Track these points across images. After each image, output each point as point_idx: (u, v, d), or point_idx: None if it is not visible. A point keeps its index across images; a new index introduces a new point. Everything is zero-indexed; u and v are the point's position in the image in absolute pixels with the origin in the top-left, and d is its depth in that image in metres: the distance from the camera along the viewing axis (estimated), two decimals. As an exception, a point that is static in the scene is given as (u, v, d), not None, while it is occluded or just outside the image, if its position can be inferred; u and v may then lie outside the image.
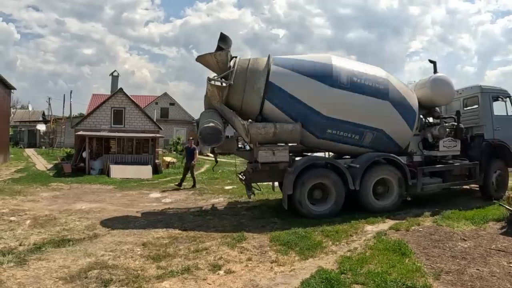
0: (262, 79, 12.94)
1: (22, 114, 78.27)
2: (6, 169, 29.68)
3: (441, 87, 15.00)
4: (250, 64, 13.31)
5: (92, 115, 33.71)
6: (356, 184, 12.95)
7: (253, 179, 13.62)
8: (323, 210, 12.81)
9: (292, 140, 13.19)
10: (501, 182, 15.77)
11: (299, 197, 12.64)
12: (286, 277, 7.79)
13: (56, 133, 54.96)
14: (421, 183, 14.08)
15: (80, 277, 7.69)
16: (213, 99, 13.30)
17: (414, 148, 15.03)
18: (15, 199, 16.72)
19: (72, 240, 10.26)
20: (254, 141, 12.84)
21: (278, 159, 12.85)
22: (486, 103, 15.80)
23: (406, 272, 7.63)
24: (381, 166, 13.57)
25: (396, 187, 13.58)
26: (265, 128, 12.78)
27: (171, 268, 8.17)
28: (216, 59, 13.23)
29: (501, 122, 15.86)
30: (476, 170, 15.12)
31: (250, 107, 13.25)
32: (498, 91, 16.33)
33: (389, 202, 13.55)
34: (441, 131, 14.84)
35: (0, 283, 7.37)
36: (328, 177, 12.94)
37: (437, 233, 10.56)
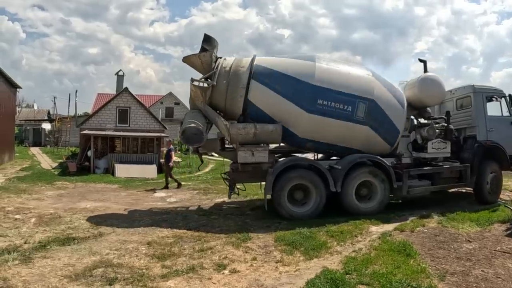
0: (244, 79, 13.00)
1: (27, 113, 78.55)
2: (11, 167, 29.78)
3: (430, 87, 14.75)
4: (233, 65, 13.40)
5: (97, 114, 33.79)
6: (338, 186, 12.78)
7: (236, 179, 13.82)
8: (304, 212, 12.72)
9: (272, 140, 13.26)
10: (495, 185, 15.16)
11: (279, 198, 12.60)
12: (291, 277, 7.78)
13: (61, 132, 55.11)
14: (407, 186, 13.67)
15: (85, 276, 7.70)
16: (197, 99, 13.41)
17: (403, 150, 14.61)
18: (20, 197, 16.80)
19: (77, 239, 10.29)
20: (235, 142, 12.98)
21: (258, 160, 12.84)
22: (479, 103, 15.21)
23: (411, 273, 7.61)
24: (364, 168, 13.28)
25: (380, 190, 13.27)
26: (245, 128, 12.81)
27: (176, 267, 8.18)
28: (200, 60, 13.44)
29: (495, 123, 15.28)
30: (467, 173, 14.61)
31: (233, 107, 13.28)
32: (492, 90, 15.75)
33: (373, 205, 13.24)
34: (430, 132, 14.42)
35: (5, 280, 7.39)
36: (308, 179, 12.84)
37: (442, 234, 10.52)
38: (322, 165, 13.13)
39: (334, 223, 11.58)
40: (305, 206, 12.83)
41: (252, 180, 14.09)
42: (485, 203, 14.42)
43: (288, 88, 12.85)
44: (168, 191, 14.96)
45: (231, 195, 14.13)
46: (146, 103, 46.37)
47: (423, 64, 15.44)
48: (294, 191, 12.84)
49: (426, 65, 15.42)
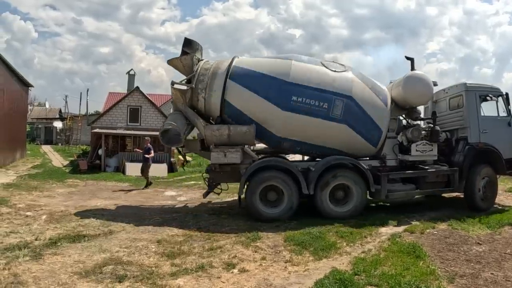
0: (221, 80, 13.19)
1: (39, 111, 78.98)
2: (23, 165, 29.95)
3: (415, 86, 13.82)
4: (213, 67, 13.60)
5: (108, 113, 33.88)
6: (310, 189, 12.59)
7: (215, 180, 13.70)
8: (275, 213, 12.62)
9: (246, 141, 13.23)
10: (489, 191, 14.23)
11: (250, 198, 12.62)
12: (300, 277, 7.80)
13: (72, 130, 55.27)
14: (386, 190, 13.12)
15: (95, 273, 7.77)
16: (178, 101, 13.72)
17: (388, 152, 14.01)
18: (31, 195, 16.91)
19: (87, 236, 10.35)
20: (210, 143, 13.11)
21: (230, 161, 12.83)
22: (471, 103, 14.29)
23: (420, 275, 7.62)
24: (339, 170, 12.95)
25: (356, 193, 12.87)
26: (219, 130, 12.91)
27: (185, 266, 8.22)
28: (182, 63, 13.83)
29: (490, 124, 14.34)
30: (455, 177, 13.83)
31: (212, 108, 13.47)
32: (487, 89, 14.71)
33: (347, 209, 12.86)
34: (414, 133, 13.99)
35: (16, 276, 7.47)
36: (280, 180, 12.69)
37: (452, 236, 10.53)
38: (295, 166, 12.93)
39: (343, 224, 11.58)
40: (277, 208, 12.71)
41: (230, 180, 13.91)
42: (476, 210, 13.72)
43: (264, 87, 12.93)
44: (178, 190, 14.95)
45: (207, 195, 14.08)
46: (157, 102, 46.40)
47: (411, 62, 14.60)
48: (268, 191, 12.79)
49: (413, 63, 14.59)
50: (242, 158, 13.02)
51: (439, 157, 14.38)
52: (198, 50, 14.28)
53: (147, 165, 21.26)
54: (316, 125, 12.89)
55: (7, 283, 7.12)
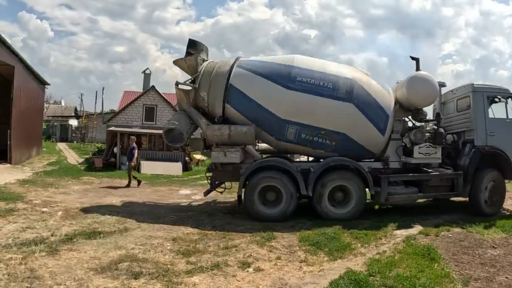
0: (223, 81, 13.35)
1: (55, 109, 79.48)
2: (39, 161, 30.11)
3: (418, 87, 13.50)
4: (216, 67, 13.81)
5: (124, 111, 34.09)
6: (309, 190, 12.62)
7: (217, 178, 13.98)
8: (271, 213, 12.68)
9: (247, 142, 13.35)
10: (495, 196, 13.76)
11: (249, 198, 12.70)
12: (314, 277, 7.81)
13: (87, 128, 55.63)
14: (386, 193, 12.99)
15: (111, 269, 7.82)
16: (182, 102, 14.11)
17: (391, 154, 13.75)
18: (47, 191, 17.04)
19: (103, 233, 10.40)
20: (211, 142, 13.36)
21: (229, 160, 12.99)
22: (478, 104, 13.85)
23: (434, 277, 7.60)
24: (339, 172, 12.95)
25: (355, 195, 12.81)
26: (220, 130, 13.13)
27: (200, 264, 8.25)
28: (186, 64, 14.15)
29: (498, 126, 13.87)
30: (459, 181, 13.46)
31: (215, 109, 13.65)
32: (495, 90, 14.24)
33: (346, 211, 12.81)
34: (417, 135, 13.58)
35: (32, 271, 7.52)
36: (278, 180, 12.75)
37: (466, 239, 10.47)
38: (294, 167, 12.94)
39: (358, 225, 11.59)
40: (275, 208, 12.76)
41: (232, 180, 13.99)
42: (482, 215, 13.27)
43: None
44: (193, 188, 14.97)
45: (207, 193, 14.42)
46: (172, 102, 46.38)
47: (416, 62, 14.24)
48: (267, 192, 12.85)
49: (418, 63, 14.23)
50: (242, 158, 13.18)
51: (445, 160, 14.13)
52: (203, 51, 14.55)
53: (130, 165, 21.20)
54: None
55: (23, 278, 7.18)
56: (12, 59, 25.78)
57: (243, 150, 13.24)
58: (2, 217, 11.67)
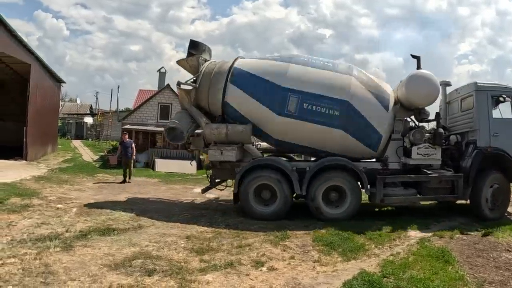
0: (222, 81, 13.57)
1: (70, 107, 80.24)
2: (54, 158, 30.32)
3: (418, 86, 13.18)
4: (216, 67, 14.00)
5: (139, 109, 34.24)
6: (303, 189, 12.63)
7: (217, 176, 14.15)
8: (266, 211, 12.77)
9: (243, 140, 13.46)
10: (499, 199, 13.14)
11: (244, 196, 12.82)
12: (328, 277, 7.81)
13: (102, 126, 55.93)
14: (381, 193, 12.83)
15: (125, 265, 7.87)
16: (184, 101, 14.42)
17: (391, 154, 13.50)
18: (62, 188, 17.14)
19: (117, 230, 10.47)
20: (210, 141, 13.52)
21: (226, 159, 13.12)
22: (481, 104, 13.31)
23: (448, 280, 7.57)
24: (333, 172, 12.90)
25: (350, 195, 12.71)
26: (218, 128, 13.31)
27: (214, 262, 8.27)
28: (188, 64, 14.51)
29: (502, 127, 13.27)
30: (459, 184, 12.98)
31: (215, 108, 13.92)
32: (500, 89, 13.56)
33: (341, 211, 12.72)
34: (416, 136, 13.27)
35: (46, 266, 7.58)
36: (273, 179, 12.81)
37: (481, 242, 10.39)
38: (289, 166, 12.93)
39: (372, 226, 11.54)
40: (270, 206, 12.84)
41: (230, 177, 14.06)
42: (484, 219, 12.83)
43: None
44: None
45: (206, 191, 14.79)
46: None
47: (417, 60, 13.89)
48: (262, 190, 12.92)
49: (419, 61, 13.88)
50: (238, 156, 13.24)
51: (447, 162, 13.82)
52: (205, 51, 14.80)
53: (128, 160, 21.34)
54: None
55: (38, 273, 7.24)
56: (29, 57, 26.05)
57: (239, 148, 13.34)
58: (18, 212, 11.78)
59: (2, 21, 21.29)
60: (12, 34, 22.92)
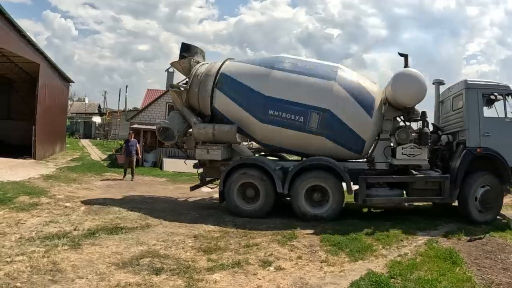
0: (210, 85, 13.96)
1: (78, 106, 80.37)
2: (62, 157, 30.41)
3: (403, 85, 12.93)
4: (206, 69, 14.39)
5: (147, 109, 34.23)
6: (285, 188, 12.71)
7: (207, 175, 14.58)
8: (250, 209, 12.97)
9: (230, 140, 13.81)
10: (489, 202, 12.57)
11: (228, 194, 13.06)
12: (335, 277, 7.80)
13: (111, 125, 56.04)
14: (364, 194, 12.69)
15: (132, 264, 7.91)
16: (176, 102, 14.90)
17: (378, 154, 13.45)
18: (70, 186, 17.22)
19: (125, 228, 10.51)
20: (198, 140, 14.01)
21: (212, 158, 13.57)
22: (471, 102, 12.86)
23: (456, 281, 7.55)
24: (316, 172, 12.89)
25: (332, 195, 12.65)
26: (205, 128, 13.71)
27: (221, 261, 8.29)
28: (181, 66, 14.90)
29: (493, 126, 12.85)
30: (445, 185, 12.64)
31: (205, 109, 14.26)
32: (491, 87, 13.09)
33: (323, 211, 12.63)
34: (401, 135, 12.97)
35: (55, 264, 7.63)
36: (255, 177, 12.99)
37: (489, 244, 10.35)
38: (272, 166, 13.08)
39: (380, 226, 11.53)
40: (253, 204, 13.04)
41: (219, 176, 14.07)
42: (473, 222, 12.39)
43: (243, 97, 13.58)
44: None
45: (194, 188, 15.34)
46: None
47: (404, 58, 13.62)
48: (247, 188, 13.17)
49: (407, 59, 13.61)
50: (225, 155, 13.67)
51: (436, 162, 13.69)
52: (197, 53, 15.19)
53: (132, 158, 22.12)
54: (293, 136, 13.30)
55: (46, 270, 7.28)
56: (37, 57, 26.18)
57: (225, 147, 13.72)
58: (26, 211, 11.85)
59: (11, 21, 21.39)
60: (21, 34, 23.02)
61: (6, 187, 14.78)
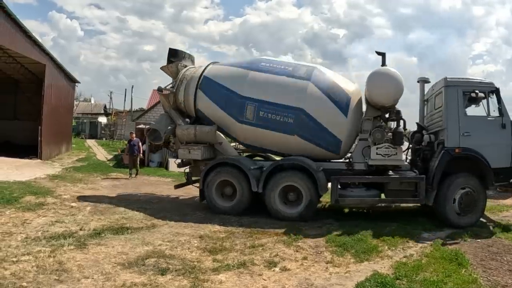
0: (193, 88, 14.45)
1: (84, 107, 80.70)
2: (68, 157, 30.45)
3: (377, 83, 12.86)
4: (191, 73, 14.87)
5: (153, 109, 34.41)
6: (259, 187, 12.90)
7: (193, 174, 15.03)
8: (227, 206, 13.30)
9: (210, 140, 14.30)
10: (468, 204, 12.10)
11: (207, 192, 13.47)
12: (341, 278, 7.80)
13: (116, 125, 56.14)
14: (336, 194, 12.60)
15: (138, 264, 7.94)
16: (164, 104, 15.30)
17: (357, 154, 13.42)
18: (76, 186, 17.24)
19: (131, 229, 10.55)
20: (182, 141, 14.48)
21: (192, 157, 14.18)
22: (451, 100, 12.39)
23: (462, 283, 7.53)
24: (290, 171, 12.94)
25: (305, 195, 12.65)
26: (188, 129, 14.29)
27: (227, 262, 8.31)
28: (169, 70, 15.36)
29: (475, 126, 12.35)
30: (420, 186, 12.32)
31: (190, 111, 14.84)
32: (473, 84, 12.60)
33: (297, 211, 12.71)
34: (376, 135, 12.80)
35: (60, 264, 7.65)
36: (233, 176, 13.28)
37: (495, 245, 10.32)
38: (246, 165, 13.26)
39: (386, 228, 11.53)
40: (230, 202, 13.38)
41: None
42: (451, 226, 11.96)
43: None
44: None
45: (178, 187, 15.85)
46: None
47: (382, 57, 13.52)
48: (225, 187, 13.53)
49: (384, 58, 13.51)
50: (205, 155, 14.12)
51: (417, 163, 13.45)
52: (185, 58, 15.66)
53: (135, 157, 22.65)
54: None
55: (52, 270, 7.31)
56: (43, 57, 26.27)
57: (206, 147, 14.15)
58: (32, 211, 11.89)
59: (18, 22, 21.47)
60: (27, 35, 23.09)
61: (12, 187, 14.81)
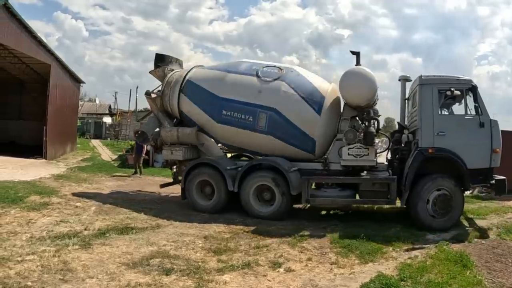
0: (177, 91, 14.84)
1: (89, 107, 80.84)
2: (73, 157, 30.48)
3: (349, 83, 12.79)
4: (177, 76, 15.27)
5: (157, 109, 34.19)
6: (235, 187, 13.10)
7: (179, 174, 15.26)
8: (205, 205, 13.64)
9: (191, 141, 14.67)
10: (443, 207, 11.72)
11: (188, 190, 13.81)
12: (345, 279, 7.80)
13: (121, 125, 56.16)
14: (307, 194, 12.56)
15: (142, 264, 7.96)
16: (152, 107, 15.73)
17: (333, 155, 13.22)
18: (81, 186, 17.28)
19: (135, 229, 10.57)
20: (166, 142, 14.99)
21: (175, 157, 14.75)
22: (425, 99, 12.03)
23: (466, 285, 7.51)
24: (264, 171, 13.10)
25: (278, 195, 12.74)
26: (171, 131, 14.73)
27: (231, 262, 8.32)
28: (156, 75, 15.82)
29: (450, 125, 11.99)
30: (391, 187, 12.16)
31: (175, 113, 15.22)
32: (449, 81, 12.06)
33: (269, 210, 12.85)
34: (348, 135, 12.73)
35: (65, 263, 7.67)
36: (211, 176, 13.57)
37: (500, 247, 10.27)
38: (222, 165, 13.51)
39: (390, 229, 11.55)
40: (209, 201, 13.68)
41: None
42: (425, 228, 11.60)
43: (203, 100, 14.36)
44: None
45: (164, 186, 16.20)
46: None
47: (356, 56, 13.49)
48: (205, 186, 13.85)
49: (359, 57, 13.49)
50: (187, 156, 14.57)
51: (393, 163, 13.13)
52: (171, 62, 16.21)
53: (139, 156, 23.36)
54: (246, 136, 13.87)
55: (56, 270, 7.34)
56: (48, 57, 26.38)
57: (188, 148, 14.61)
58: (37, 210, 11.91)
59: (23, 22, 21.55)
60: (32, 35, 23.19)
61: (17, 187, 14.84)
